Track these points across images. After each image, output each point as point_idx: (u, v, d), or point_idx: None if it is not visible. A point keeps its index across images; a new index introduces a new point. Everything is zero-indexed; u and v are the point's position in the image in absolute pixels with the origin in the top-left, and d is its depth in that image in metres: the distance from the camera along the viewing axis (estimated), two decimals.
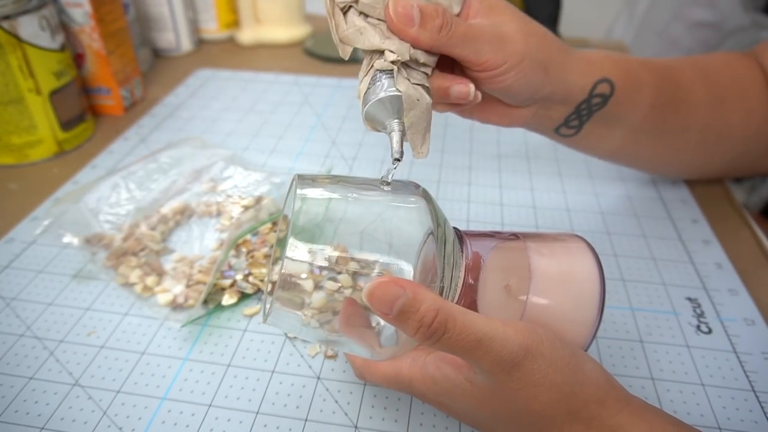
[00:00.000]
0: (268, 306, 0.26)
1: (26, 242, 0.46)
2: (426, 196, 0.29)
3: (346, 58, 0.31)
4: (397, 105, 0.29)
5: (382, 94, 0.29)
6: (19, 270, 0.43)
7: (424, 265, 0.27)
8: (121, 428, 0.32)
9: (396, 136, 0.29)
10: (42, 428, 0.32)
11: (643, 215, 0.50)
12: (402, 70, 0.30)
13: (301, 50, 0.84)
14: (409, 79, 0.30)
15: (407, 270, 0.26)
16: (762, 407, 0.34)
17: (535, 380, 0.25)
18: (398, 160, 0.28)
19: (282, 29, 0.84)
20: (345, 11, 0.31)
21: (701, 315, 0.40)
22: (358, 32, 0.30)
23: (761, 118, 0.46)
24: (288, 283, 0.26)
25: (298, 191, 0.27)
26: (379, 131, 0.31)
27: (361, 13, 0.30)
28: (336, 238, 0.26)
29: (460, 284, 0.29)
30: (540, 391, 0.25)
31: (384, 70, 0.30)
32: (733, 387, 0.36)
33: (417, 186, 0.30)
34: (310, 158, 0.57)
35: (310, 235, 0.26)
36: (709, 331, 0.39)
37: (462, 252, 0.30)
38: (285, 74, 0.76)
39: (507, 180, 0.55)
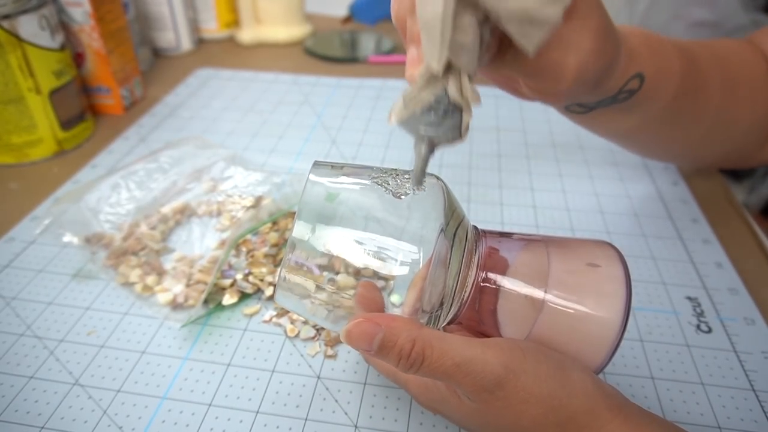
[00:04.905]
0: (282, 273, 0.27)
1: (26, 242, 0.46)
2: (444, 190, 0.29)
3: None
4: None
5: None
6: (19, 269, 0.43)
7: (437, 257, 0.27)
8: (121, 428, 0.32)
9: (420, 164, 0.26)
10: (42, 428, 0.32)
11: (643, 215, 0.50)
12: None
13: (301, 50, 0.84)
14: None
15: (416, 259, 0.26)
16: (762, 406, 0.34)
17: (521, 398, 0.25)
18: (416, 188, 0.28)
19: (282, 29, 0.84)
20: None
21: (701, 314, 0.40)
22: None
23: (765, 108, 0.45)
24: (295, 268, 0.26)
25: (311, 176, 0.28)
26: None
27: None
28: (344, 222, 0.27)
29: (470, 281, 0.29)
30: (527, 407, 0.25)
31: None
32: (732, 386, 0.36)
33: (437, 178, 0.30)
34: (310, 158, 0.57)
35: (321, 218, 0.27)
36: (709, 331, 0.39)
37: (476, 248, 0.30)
38: (285, 74, 0.75)
39: (507, 180, 0.55)
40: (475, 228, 0.31)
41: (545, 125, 0.64)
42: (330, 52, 0.81)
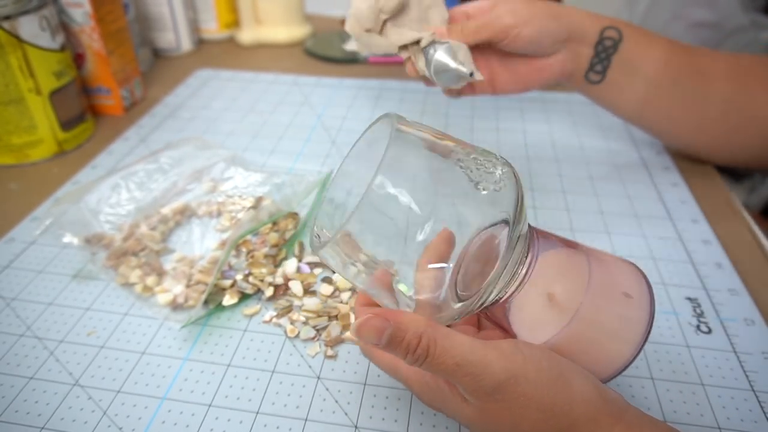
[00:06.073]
0: (326, 233, 0.27)
1: (26, 242, 0.46)
2: (517, 184, 0.28)
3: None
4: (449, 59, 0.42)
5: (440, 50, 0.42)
6: (19, 270, 0.43)
7: (483, 245, 0.26)
8: (121, 428, 0.32)
9: (454, 60, 0.42)
10: (42, 428, 0.32)
11: (643, 215, 0.50)
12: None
13: (301, 50, 0.84)
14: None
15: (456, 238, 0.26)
16: (762, 407, 0.34)
17: (520, 403, 0.25)
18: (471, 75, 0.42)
19: (282, 29, 0.84)
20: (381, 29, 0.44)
21: (701, 315, 0.40)
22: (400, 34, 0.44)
23: None
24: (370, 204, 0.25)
25: (397, 124, 0.27)
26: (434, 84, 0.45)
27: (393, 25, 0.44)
28: (414, 186, 0.26)
29: (519, 277, 0.29)
30: (527, 412, 0.25)
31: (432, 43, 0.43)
32: (732, 387, 0.36)
33: (510, 168, 0.29)
34: (310, 158, 0.57)
35: (394, 172, 0.26)
36: (709, 331, 0.39)
37: (529, 248, 0.29)
38: (285, 74, 0.76)
39: None
40: (530, 226, 0.31)
41: (545, 125, 0.64)
42: (330, 53, 0.81)
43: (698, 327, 0.40)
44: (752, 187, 1.00)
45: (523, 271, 0.29)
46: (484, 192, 0.27)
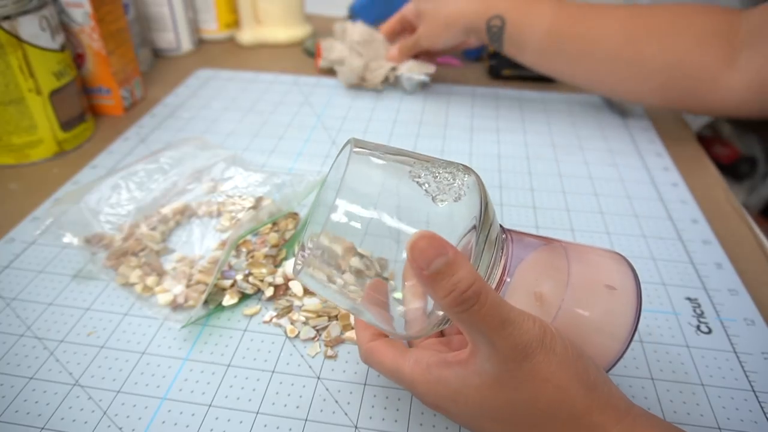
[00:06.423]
0: (304, 256, 0.27)
1: (26, 242, 0.46)
2: (477, 179, 0.29)
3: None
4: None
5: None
6: (19, 270, 0.43)
7: (466, 248, 0.27)
8: (121, 428, 0.32)
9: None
10: (42, 428, 0.32)
11: (643, 215, 0.50)
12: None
13: (301, 50, 0.84)
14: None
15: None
16: (762, 407, 0.34)
17: (543, 375, 0.25)
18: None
19: (282, 29, 0.84)
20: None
21: (701, 315, 0.40)
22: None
23: (681, 53, 0.53)
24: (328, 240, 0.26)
25: (353, 149, 0.27)
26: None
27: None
28: (377, 205, 0.26)
29: (496, 279, 0.29)
30: (546, 387, 0.25)
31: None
32: (733, 387, 0.36)
33: (467, 167, 0.30)
34: (310, 158, 0.57)
35: (353, 197, 0.26)
36: (709, 331, 0.39)
37: (503, 250, 0.30)
38: (285, 74, 0.76)
39: (507, 180, 0.55)
40: (501, 227, 0.31)
41: (545, 125, 0.64)
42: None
43: (698, 327, 0.40)
44: (752, 187, 1.00)
45: (498, 274, 0.29)
46: (443, 204, 0.27)
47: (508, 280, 0.30)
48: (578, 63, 0.58)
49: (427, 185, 0.27)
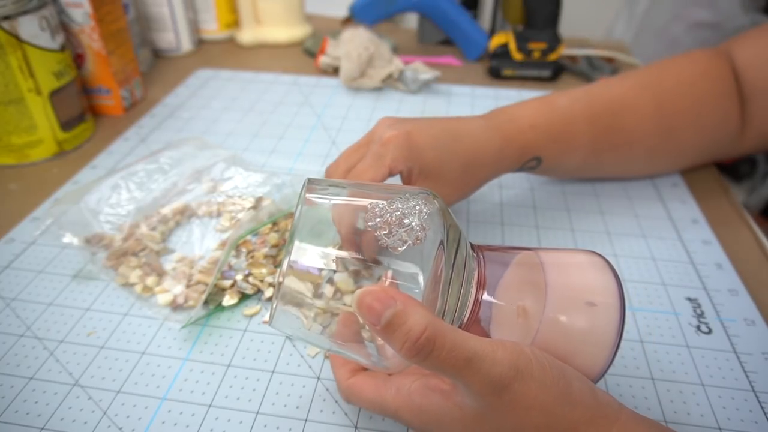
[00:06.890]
0: (274, 306, 0.26)
1: (26, 242, 0.46)
2: (440, 205, 0.29)
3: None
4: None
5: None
6: (19, 270, 0.43)
7: (435, 274, 0.27)
8: (121, 428, 0.32)
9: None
10: (42, 428, 0.32)
11: (643, 215, 0.50)
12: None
13: (301, 50, 0.84)
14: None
15: (416, 275, 0.26)
16: (762, 407, 0.34)
17: (525, 403, 0.25)
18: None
19: (282, 29, 0.84)
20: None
21: (701, 315, 0.40)
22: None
23: (710, 130, 0.50)
24: (291, 287, 0.26)
25: (306, 194, 0.28)
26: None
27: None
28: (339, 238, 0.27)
29: (471, 299, 0.29)
30: (530, 413, 0.25)
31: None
32: (733, 387, 0.36)
33: (429, 194, 0.29)
34: (310, 158, 0.57)
35: (316, 235, 0.26)
36: (709, 331, 0.39)
37: (475, 266, 0.29)
38: (285, 75, 0.76)
39: (507, 180, 0.55)
40: (471, 244, 0.31)
41: None
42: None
43: (698, 327, 0.40)
44: (752, 187, 1.00)
45: (471, 296, 0.29)
46: (401, 249, 0.26)
47: (491, 299, 0.29)
48: (616, 167, 0.52)
49: (383, 232, 0.27)
